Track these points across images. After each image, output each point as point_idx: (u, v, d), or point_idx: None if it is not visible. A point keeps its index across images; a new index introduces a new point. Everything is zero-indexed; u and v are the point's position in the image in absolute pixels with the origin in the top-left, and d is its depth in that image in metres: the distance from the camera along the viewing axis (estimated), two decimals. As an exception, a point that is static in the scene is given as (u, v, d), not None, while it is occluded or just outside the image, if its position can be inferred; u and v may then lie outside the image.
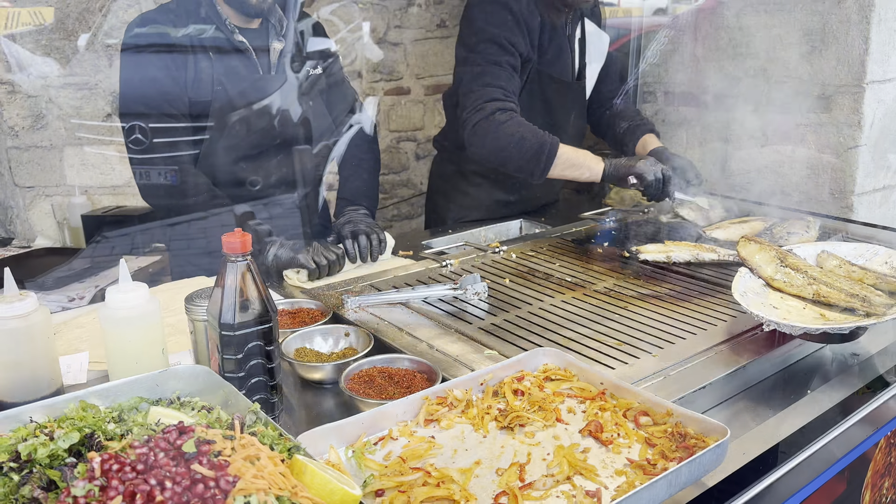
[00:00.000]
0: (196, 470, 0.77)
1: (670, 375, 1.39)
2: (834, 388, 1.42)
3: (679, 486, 1.01)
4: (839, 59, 2.52)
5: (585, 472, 1.05)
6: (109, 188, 3.17)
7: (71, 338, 1.58)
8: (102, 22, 3.03)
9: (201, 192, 1.97)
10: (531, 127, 2.22)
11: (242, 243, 1.15)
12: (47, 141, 3.07)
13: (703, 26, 2.87)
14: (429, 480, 1.02)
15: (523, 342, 1.54)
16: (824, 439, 1.30)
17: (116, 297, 1.24)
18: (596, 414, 1.19)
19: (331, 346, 1.51)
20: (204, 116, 1.96)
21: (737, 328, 1.59)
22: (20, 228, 3.14)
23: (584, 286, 1.87)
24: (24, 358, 1.24)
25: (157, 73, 1.92)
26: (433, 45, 4.08)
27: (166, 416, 1.01)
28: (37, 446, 0.91)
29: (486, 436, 1.16)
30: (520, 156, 2.21)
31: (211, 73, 1.95)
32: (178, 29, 1.93)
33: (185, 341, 1.53)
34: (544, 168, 2.21)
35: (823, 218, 2.32)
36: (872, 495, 1.54)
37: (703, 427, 1.10)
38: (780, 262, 1.66)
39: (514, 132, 2.20)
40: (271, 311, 1.19)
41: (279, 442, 0.95)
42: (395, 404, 1.18)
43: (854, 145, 2.56)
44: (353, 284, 1.89)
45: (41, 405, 1.04)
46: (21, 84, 3.00)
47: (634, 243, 2.12)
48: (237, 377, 1.17)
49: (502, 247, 2.18)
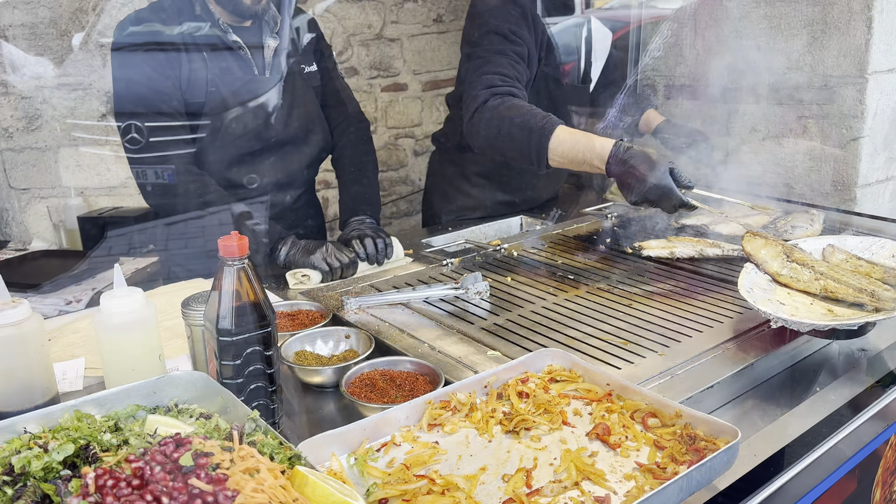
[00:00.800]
0: (194, 484, 0.75)
1: (677, 375, 1.37)
2: (843, 385, 1.39)
3: (690, 491, 0.98)
4: (841, 50, 2.49)
5: (594, 477, 1.03)
6: (105, 189, 3.14)
7: (66, 343, 1.55)
8: (96, 21, 2.99)
9: (205, 189, 1.94)
10: (527, 108, 2.03)
11: (240, 246, 1.12)
12: (42, 142, 3.04)
13: (703, 18, 2.84)
14: (433, 488, 1.00)
15: (527, 342, 1.51)
16: (835, 438, 1.28)
17: (111, 303, 1.22)
18: (603, 416, 1.17)
19: (331, 348, 1.48)
20: (199, 115, 1.93)
21: (743, 325, 1.57)
22: (16, 231, 3.11)
23: (587, 284, 1.85)
24: (18, 366, 1.22)
25: (150, 71, 1.89)
26: (430, 41, 4.05)
27: (164, 425, 0.98)
28: (31, 459, 0.88)
29: (492, 440, 1.13)
30: (512, 140, 2.02)
31: (205, 72, 1.92)
32: (170, 27, 1.90)
33: (184, 345, 1.51)
34: (538, 152, 1.98)
35: (828, 211, 2.30)
36: (883, 492, 1.52)
37: (712, 428, 1.08)
38: (787, 256, 1.63)
39: (506, 115, 2.02)
40: (270, 314, 1.16)
41: (279, 451, 0.92)
42: (398, 409, 1.16)
43: (857, 136, 2.53)
44: (353, 285, 1.86)
45: (36, 415, 1.02)
46: (15, 85, 2.96)
47: (637, 239, 2.10)
48: (236, 383, 1.14)
49: (503, 244, 2.15)
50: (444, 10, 4.05)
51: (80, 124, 3.05)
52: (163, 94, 1.90)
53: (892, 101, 2.58)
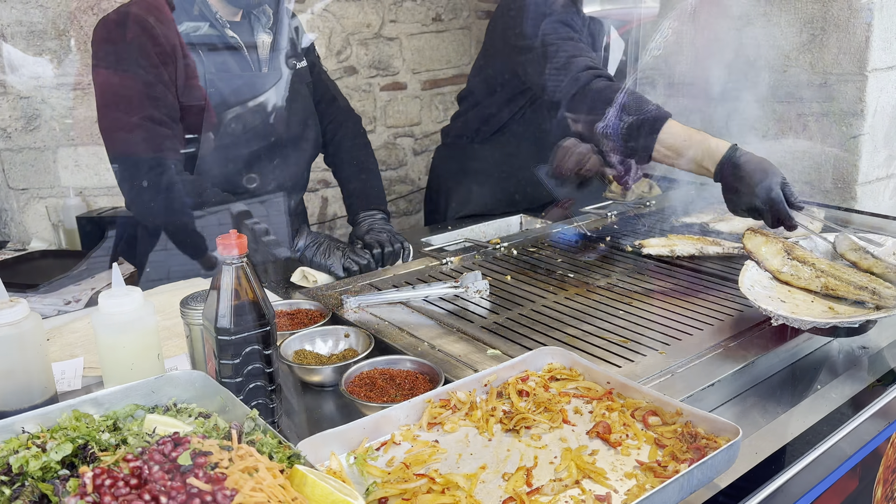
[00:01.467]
0: (192, 484, 0.74)
1: (678, 373, 1.37)
2: (844, 383, 1.39)
3: (691, 489, 0.98)
4: (841, 48, 2.49)
5: (594, 475, 1.02)
6: (104, 189, 3.13)
7: (65, 343, 1.55)
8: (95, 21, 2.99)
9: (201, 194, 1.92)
10: (637, 95, 2.00)
11: (238, 245, 1.12)
12: (41, 142, 3.03)
13: (702, 15, 2.84)
14: (433, 487, 0.99)
15: (527, 341, 1.51)
16: (836, 436, 1.28)
17: (109, 303, 1.21)
18: (603, 414, 1.17)
19: (330, 347, 1.48)
20: (197, 115, 1.92)
21: (743, 323, 1.56)
22: (15, 231, 3.10)
23: (586, 282, 1.84)
24: (16, 366, 1.21)
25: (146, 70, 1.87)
26: (429, 40, 4.04)
27: (162, 424, 0.98)
28: (28, 458, 0.88)
29: (492, 439, 1.13)
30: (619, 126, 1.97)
31: (202, 71, 1.90)
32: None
33: (183, 344, 1.51)
34: (646, 142, 1.93)
35: (828, 208, 2.30)
36: (884, 490, 1.51)
37: (713, 427, 1.08)
38: (787, 254, 1.63)
39: (614, 99, 1.97)
40: (269, 313, 1.16)
41: (278, 450, 0.92)
42: (398, 408, 1.15)
43: (857, 134, 2.53)
44: (352, 284, 1.86)
45: (34, 414, 1.01)
46: (13, 85, 2.96)
47: (637, 237, 2.09)
48: (235, 382, 1.14)
49: (503, 243, 2.15)
50: (443, 9, 4.04)
51: (78, 124, 3.05)
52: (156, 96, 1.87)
53: (893, 98, 2.58)
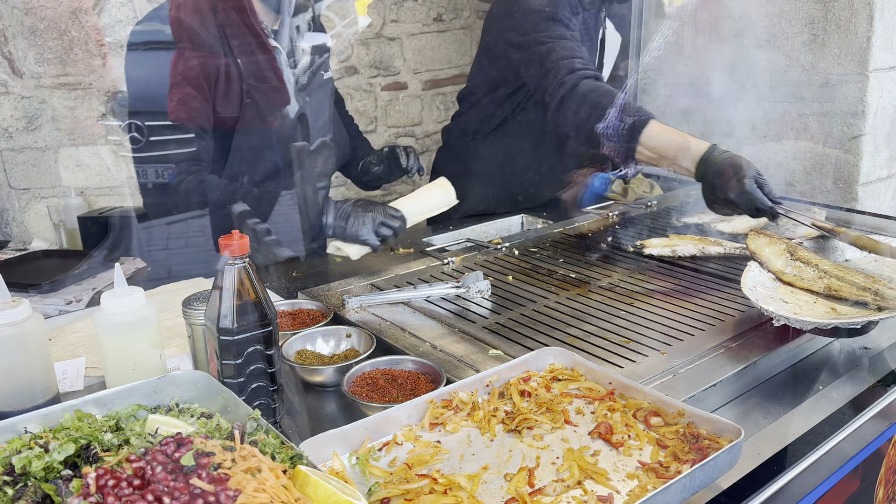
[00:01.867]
0: (195, 484, 0.74)
1: (679, 373, 1.37)
2: (845, 384, 1.39)
3: (693, 490, 0.98)
4: (842, 48, 2.49)
5: (596, 476, 1.02)
6: (106, 189, 3.13)
7: (67, 343, 1.55)
8: (96, 21, 2.99)
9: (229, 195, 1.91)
10: (619, 97, 2.01)
11: (241, 245, 1.12)
12: (42, 142, 3.03)
13: (703, 16, 2.84)
14: (436, 487, 0.99)
15: (529, 341, 1.51)
16: (838, 437, 1.28)
17: (111, 303, 1.21)
18: (605, 415, 1.17)
19: (332, 347, 1.48)
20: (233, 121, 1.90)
21: (745, 323, 1.56)
22: (16, 231, 3.11)
23: (588, 282, 1.84)
24: (18, 366, 1.21)
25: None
26: (430, 40, 4.04)
27: (164, 424, 0.98)
28: (31, 459, 0.88)
29: (494, 439, 1.13)
30: (603, 128, 1.99)
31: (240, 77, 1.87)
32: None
33: (185, 345, 1.51)
34: (629, 144, 1.96)
35: (829, 209, 2.29)
36: (886, 491, 1.51)
37: (715, 427, 1.08)
38: (791, 255, 1.63)
39: (598, 102, 2.01)
40: (271, 314, 1.16)
41: (281, 450, 0.92)
42: (400, 408, 1.15)
43: (858, 134, 2.53)
44: (354, 284, 1.86)
45: (36, 414, 1.01)
46: (14, 85, 2.96)
47: (638, 237, 2.09)
48: (237, 382, 1.14)
49: (504, 243, 2.15)
50: (444, 9, 4.04)
51: (79, 124, 3.05)
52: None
53: (894, 98, 2.57)
